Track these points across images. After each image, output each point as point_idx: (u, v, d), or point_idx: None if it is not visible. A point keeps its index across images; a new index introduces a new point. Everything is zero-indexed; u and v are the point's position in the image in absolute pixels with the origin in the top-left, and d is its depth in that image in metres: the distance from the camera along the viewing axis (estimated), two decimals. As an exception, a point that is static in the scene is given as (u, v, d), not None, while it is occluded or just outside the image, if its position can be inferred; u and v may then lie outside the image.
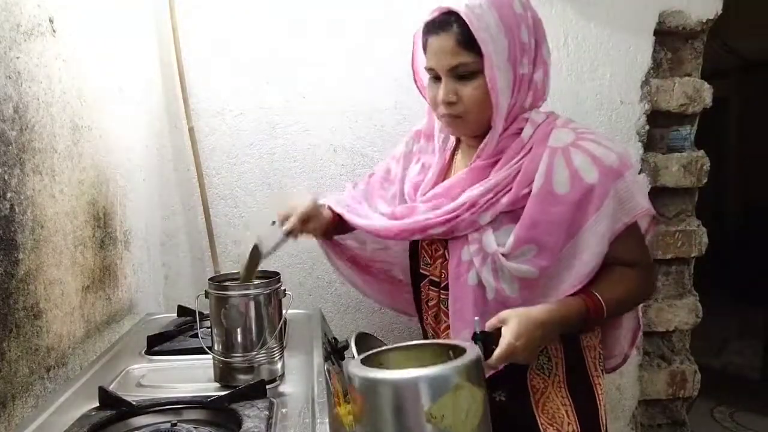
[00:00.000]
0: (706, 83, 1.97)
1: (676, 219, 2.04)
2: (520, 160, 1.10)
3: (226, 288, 1.03)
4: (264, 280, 1.06)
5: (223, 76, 1.83)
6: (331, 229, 1.34)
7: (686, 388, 2.08)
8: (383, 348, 0.98)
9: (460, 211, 1.11)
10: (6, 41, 0.99)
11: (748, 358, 3.81)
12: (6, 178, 0.97)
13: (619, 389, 2.03)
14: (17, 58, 1.02)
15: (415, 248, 1.27)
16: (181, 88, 1.79)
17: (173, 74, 1.80)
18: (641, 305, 1.28)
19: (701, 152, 2.02)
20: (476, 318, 1.00)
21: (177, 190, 1.87)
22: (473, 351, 0.88)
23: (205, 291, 1.05)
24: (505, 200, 1.09)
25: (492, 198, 1.09)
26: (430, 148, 1.28)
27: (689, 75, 1.98)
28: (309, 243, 1.91)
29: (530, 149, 1.10)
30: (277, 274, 1.09)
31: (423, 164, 1.28)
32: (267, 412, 0.89)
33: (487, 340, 0.99)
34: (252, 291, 1.03)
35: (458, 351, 0.91)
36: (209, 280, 1.05)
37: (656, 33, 1.93)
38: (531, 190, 1.07)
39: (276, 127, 1.86)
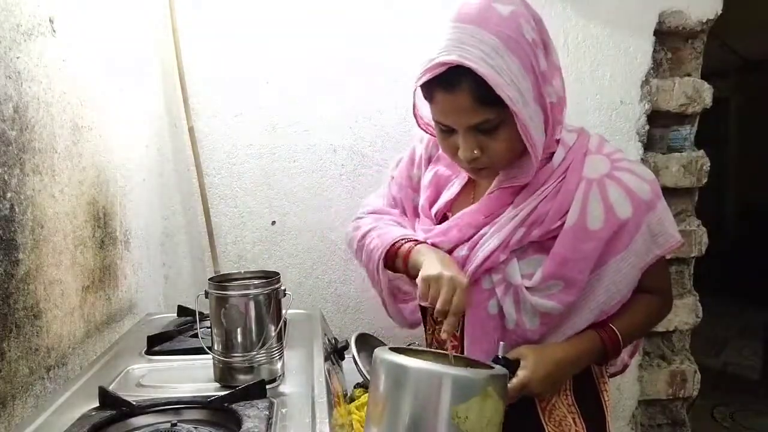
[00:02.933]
0: (706, 83, 1.97)
1: (676, 219, 2.03)
2: (550, 187, 1.04)
3: (226, 288, 1.03)
4: (264, 280, 1.06)
5: (223, 76, 1.83)
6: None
7: (686, 388, 2.08)
8: (406, 347, 0.99)
9: (493, 257, 1.04)
10: (6, 41, 0.99)
11: (748, 358, 3.82)
12: (6, 178, 0.97)
13: (619, 389, 2.03)
14: (17, 58, 1.02)
15: None
16: (181, 88, 1.79)
17: (173, 74, 1.80)
18: None
19: (701, 152, 2.02)
20: (502, 342, 1.00)
21: (177, 190, 1.87)
22: (502, 369, 0.90)
23: (205, 291, 1.05)
24: (536, 233, 1.04)
25: (523, 232, 1.04)
26: (443, 162, 1.19)
27: (689, 75, 1.98)
28: (309, 243, 1.93)
29: (562, 177, 1.04)
30: (277, 274, 1.09)
31: (437, 174, 1.19)
32: (267, 412, 0.89)
33: (509, 366, 0.99)
34: (252, 291, 1.03)
35: (480, 367, 0.91)
36: (209, 280, 1.05)
37: (656, 33, 1.93)
38: (563, 223, 1.02)
39: (276, 127, 1.86)
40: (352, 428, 1.11)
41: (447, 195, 1.16)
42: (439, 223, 1.16)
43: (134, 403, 0.91)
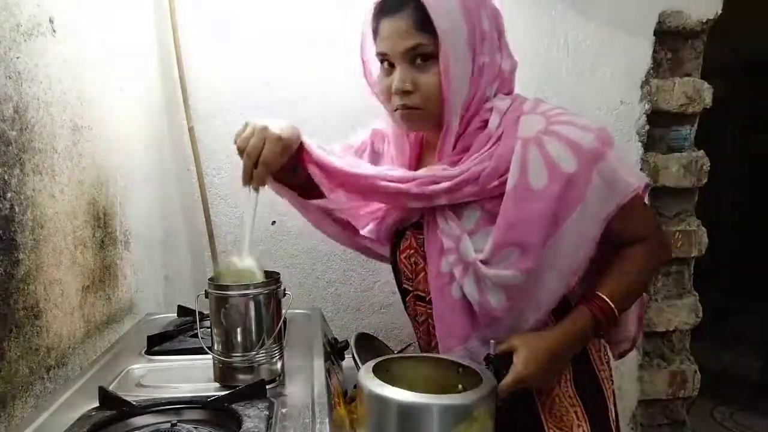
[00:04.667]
0: (706, 83, 1.98)
1: (676, 219, 2.04)
2: (484, 152, 1.01)
3: (226, 288, 1.03)
4: (264, 280, 1.06)
5: (223, 77, 1.83)
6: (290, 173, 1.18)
7: (686, 388, 2.08)
8: (393, 356, 0.98)
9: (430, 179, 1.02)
10: (6, 41, 0.99)
11: (748, 358, 3.81)
12: (6, 178, 0.97)
13: (619, 389, 2.03)
14: (17, 58, 1.02)
15: (395, 262, 1.19)
16: (181, 88, 1.79)
17: (173, 74, 1.80)
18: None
19: (701, 152, 2.02)
20: (492, 341, 0.97)
21: (177, 190, 1.87)
22: (489, 381, 0.87)
23: (205, 291, 1.04)
24: (469, 189, 1.00)
25: (449, 186, 1.01)
26: (390, 151, 1.19)
27: (689, 75, 1.99)
28: (309, 243, 1.92)
29: (497, 140, 1.01)
30: (277, 274, 1.09)
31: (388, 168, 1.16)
32: (267, 412, 0.89)
33: (501, 363, 0.96)
34: (252, 291, 1.03)
35: (469, 372, 0.90)
36: (209, 280, 1.05)
37: (656, 33, 1.93)
38: (501, 183, 0.98)
39: (276, 127, 1.86)
40: (353, 428, 1.11)
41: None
42: None
43: (134, 403, 0.91)
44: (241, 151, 1.09)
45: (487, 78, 1.03)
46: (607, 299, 1.00)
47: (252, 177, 1.07)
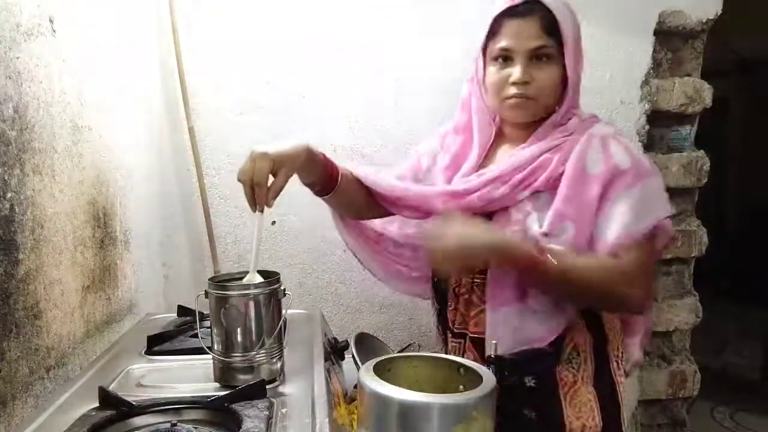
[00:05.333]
0: (706, 83, 1.98)
1: (676, 219, 2.04)
2: (558, 140, 1.14)
3: (226, 288, 1.03)
4: (264, 280, 1.06)
5: (223, 76, 1.83)
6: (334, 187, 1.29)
7: (686, 388, 2.08)
8: (393, 355, 0.98)
9: (492, 183, 1.13)
10: (6, 41, 0.99)
11: (748, 358, 3.82)
12: (6, 178, 0.97)
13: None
14: (17, 58, 1.02)
15: None
16: (181, 88, 1.80)
17: (173, 74, 1.80)
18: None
19: (701, 152, 2.02)
20: (493, 342, 1.00)
21: (177, 190, 1.87)
22: (490, 380, 0.87)
23: (205, 291, 1.04)
24: (542, 177, 1.11)
25: (527, 174, 1.12)
26: (459, 141, 1.27)
27: (689, 75, 1.99)
28: (309, 243, 1.92)
29: (570, 134, 1.14)
30: (277, 274, 1.09)
31: (454, 154, 1.27)
32: (267, 412, 0.89)
33: (502, 364, 0.98)
34: (252, 291, 1.03)
35: (470, 372, 0.90)
36: (209, 280, 1.05)
37: (656, 33, 1.93)
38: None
39: (276, 127, 1.86)
40: (353, 428, 1.11)
41: (466, 167, 1.23)
42: None
43: (134, 403, 0.91)
44: (241, 182, 1.11)
45: (578, 87, 1.17)
46: (555, 255, 1.04)
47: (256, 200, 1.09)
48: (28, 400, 1.02)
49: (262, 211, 1.08)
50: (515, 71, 1.12)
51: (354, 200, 1.31)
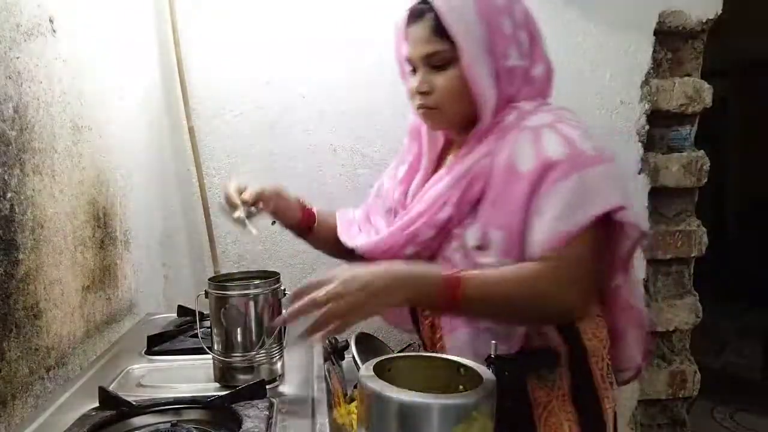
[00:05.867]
0: (706, 83, 1.98)
1: (676, 219, 2.04)
2: (492, 143, 1.02)
3: (226, 288, 1.03)
4: (264, 280, 1.06)
5: (223, 76, 1.83)
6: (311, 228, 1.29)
7: (686, 388, 2.08)
8: (393, 355, 0.98)
9: (432, 211, 1.04)
10: (6, 41, 0.99)
11: (748, 358, 3.81)
12: (6, 178, 0.97)
13: (620, 389, 2.03)
14: (17, 58, 1.02)
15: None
16: (181, 88, 1.80)
17: (173, 74, 1.80)
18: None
19: (701, 152, 2.02)
20: (493, 342, 0.95)
21: (177, 190, 1.87)
22: (490, 381, 0.86)
23: (205, 291, 1.04)
24: (478, 186, 1.01)
25: (463, 192, 1.01)
26: (414, 150, 1.20)
27: (689, 75, 1.99)
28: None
29: (506, 132, 1.02)
30: (277, 274, 1.09)
31: (409, 165, 1.20)
32: (267, 412, 0.89)
33: (502, 365, 0.95)
34: (252, 291, 1.03)
35: (470, 372, 0.90)
36: (209, 280, 1.05)
37: (656, 33, 1.93)
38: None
39: (276, 127, 1.86)
40: (353, 428, 1.11)
41: (416, 181, 1.17)
42: None
43: (134, 403, 0.91)
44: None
45: (512, 81, 1.04)
46: (465, 278, 0.91)
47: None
48: (28, 400, 1.02)
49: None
50: (415, 81, 1.06)
51: (331, 243, 1.29)
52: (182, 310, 1.47)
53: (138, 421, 0.90)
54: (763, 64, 4.63)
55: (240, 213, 1.12)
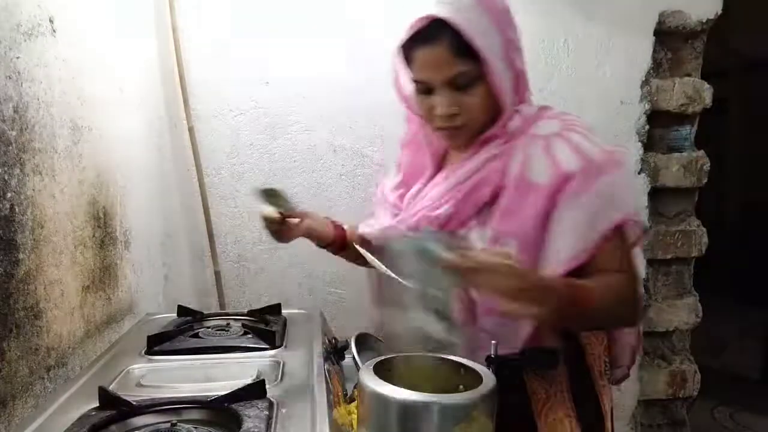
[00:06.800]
0: (706, 83, 1.98)
1: (676, 219, 2.04)
2: (497, 147, 1.03)
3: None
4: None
5: (223, 76, 1.83)
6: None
7: (686, 388, 2.08)
8: (393, 355, 0.98)
9: (424, 211, 1.05)
10: (6, 41, 0.99)
11: (748, 358, 3.81)
12: (6, 178, 0.97)
13: (619, 389, 2.03)
14: (17, 58, 1.02)
15: None
16: (181, 88, 1.80)
17: (173, 74, 1.80)
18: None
19: (701, 152, 2.02)
20: (493, 342, 0.96)
21: (177, 190, 1.87)
22: (490, 381, 0.86)
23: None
24: (486, 190, 1.02)
25: (469, 191, 1.02)
26: (408, 156, 1.20)
27: (689, 75, 1.99)
28: (309, 243, 1.92)
29: (512, 137, 1.03)
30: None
31: (405, 172, 1.20)
32: (267, 412, 0.89)
33: (502, 365, 0.96)
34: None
35: (470, 372, 0.90)
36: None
37: (656, 33, 1.93)
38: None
39: (276, 127, 1.86)
40: (353, 428, 1.11)
41: (418, 185, 1.16)
42: None
43: (134, 403, 0.91)
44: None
45: (523, 85, 1.05)
46: (590, 288, 0.93)
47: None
48: (28, 400, 1.02)
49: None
50: (438, 105, 1.01)
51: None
52: (182, 310, 1.46)
53: (138, 421, 0.90)
54: (763, 64, 4.63)
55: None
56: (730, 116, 5.34)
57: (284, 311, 1.44)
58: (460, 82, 0.99)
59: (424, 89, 1.03)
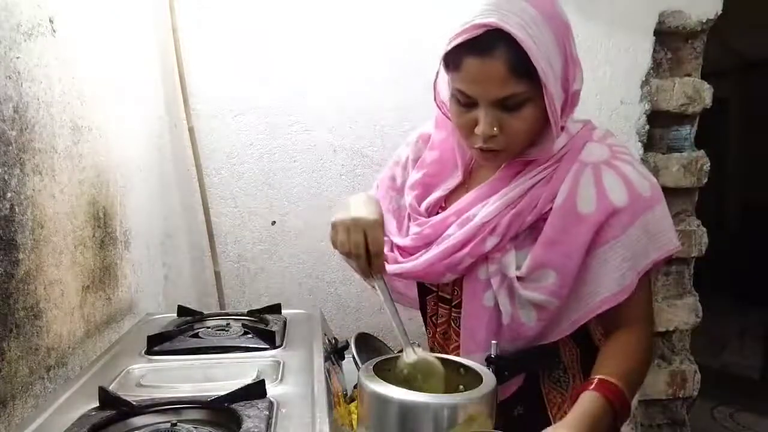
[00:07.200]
0: (706, 83, 1.98)
1: (676, 219, 2.04)
2: (544, 170, 0.98)
3: None
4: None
5: (223, 76, 1.83)
6: None
7: (686, 388, 2.08)
8: (393, 355, 0.98)
9: (478, 239, 0.98)
10: (6, 41, 0.99)
11: (748, 358, 3.82)
12: (6, 178, 0.97)
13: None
14: (17, 58, 1.02)
15: None
16: (181, 88, 1.80)
17: (173, 74, 1.80)
18: None
19: (701, 152, 2.02)
20: (494, 342, 0.96)
21: (177, 190, 1.87)
22: (490, 381, 0.86)
23: None
24: (530, 218, 0.98)
25: (514, 216, 0.98)
26: (434, 157, 1.13)
27: (689, 75, 1.99)
28: (309, 243, 1.93)
29: (559, 161, 0.98)
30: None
31: (427, 174, 1.13)
32: (267, 412, 0.89)
33: (502, 365, 0.96)
34: None
35: (470, 372, 0.90)
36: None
37: (656, 33, 1.93)
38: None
39: (276, 127, 1.86)
40: (353, 428, 1.11)
41: (440, 191, 1.11)
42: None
43: (134, 403, 0.91)
44: (347, 254, 1.01)
45: (574, 105, 1.00)
46: (616, 381, 0.91)
47: (371, 270, 1.00)
48: (28, 400, 1.02)
49: (382, 278, 1.01)
50: (480, 122, 0.93)
51: None
52: (182, 310, 1.46)
53: (138, 421, 0.90)
54: (763, 64, 4.64)
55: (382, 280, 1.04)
56: (730, 116, 5.35)
57: (284, 311, 1.44)
58: (509, 103, 0.92)
59: (468, 102, 0.94)
